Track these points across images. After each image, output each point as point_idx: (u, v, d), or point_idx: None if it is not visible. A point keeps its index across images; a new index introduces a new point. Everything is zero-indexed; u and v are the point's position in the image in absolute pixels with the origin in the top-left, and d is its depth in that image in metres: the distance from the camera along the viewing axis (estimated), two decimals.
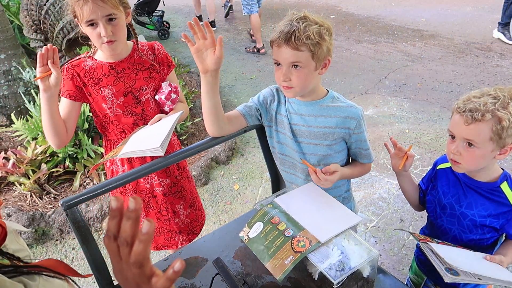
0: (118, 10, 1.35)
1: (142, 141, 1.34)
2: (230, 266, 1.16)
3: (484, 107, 1.07)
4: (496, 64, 4.66)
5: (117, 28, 1.37)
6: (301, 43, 1.15)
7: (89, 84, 1.45)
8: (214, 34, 1.14)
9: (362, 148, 1.36)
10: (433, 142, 3.27)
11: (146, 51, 1.54)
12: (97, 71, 1.46)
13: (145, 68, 1.52)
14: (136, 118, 1.53)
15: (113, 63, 1.47)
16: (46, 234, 2.43)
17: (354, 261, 0.97)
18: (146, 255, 0.52)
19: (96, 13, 1.30)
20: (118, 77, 1.47)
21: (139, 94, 1.51)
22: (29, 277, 0.55)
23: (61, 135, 1.41)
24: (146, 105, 1.54)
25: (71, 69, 1.44)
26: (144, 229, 0.51)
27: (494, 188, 1.20)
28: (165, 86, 1.56)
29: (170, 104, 1.56)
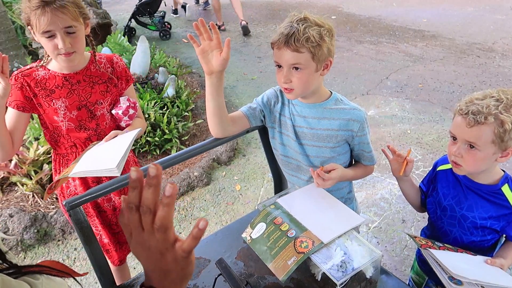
0: (78, 22, 1.29)
1: (96, 160, 1.27)
2: (233, 266, 1.16)
3: (486, 110, 1.06)
4: (498, 65, 4.65)
5: (76, 40, 1.30)
6: (301, 45, 1.14)
7: (40, 95, 1.37)
8: (220, 36, 1.13)
9: (365, 150, 1.36)
10: (434, 142, 3.27)
11: (104, 64, 1.48)
12: (50, 82, 1.38)
13: (102, 81, 1.45)
14: (90, 133, 1.46)
15: (68, 74, 1.39)
16: (48, 235, 2.43)
17: (357, 262, 0.97)
18: (170, 218, 0.53)
19: (55, 24, 1.24)
20: (72, 90, 1.40)
21: (94, 108, 1.44)
22: (32, 276, 0.56)
23: (6, 148, 1.33)
24: (101, 120, 1.47)
25: (21, 78, 1.36)
26: (167, 192, 0.51)
27: (495, 190, 1.20)
28: (123, 100, 1.49)
29: (128, 119, 1.50)
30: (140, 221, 0.54)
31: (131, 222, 0.54)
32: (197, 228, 0.53)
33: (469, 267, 1.11)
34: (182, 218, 2.62)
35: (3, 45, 3.12)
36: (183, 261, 0.57)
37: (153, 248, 0.55)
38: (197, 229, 0.54)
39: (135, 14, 5.75)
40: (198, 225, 0.53)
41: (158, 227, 0.53)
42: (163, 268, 0.57)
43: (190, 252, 0.56)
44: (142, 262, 0.59)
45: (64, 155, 1.50)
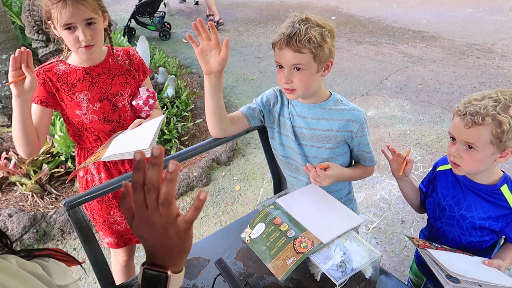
0: (98, 14, 1.32)
1: (127, 143, 1.30)
2: (232, 267, 1.16)
3: (484, 111, 1.07)
4: (497, 66, 4.66)
5: (96, 32, 1.33)
6: (303, 46, 1.14)
7: (62, 89, 1.40)
8: (219, 36, 1.13)
9: (364, 151, 1.35)
10: (434, 143, 3.27)
11: (122, 56, 1.51)
12: (71, 76, 1.40)
13: (121, 73, 1.48)
14: (114, 125, 1.49)
15: (88, 67, 1.42)
16: (47, 235, 2.43)
17: (356, 262, 0.97)
18: (173, 193, 0.57)
19: (76, 16, 1.27)
20: (93, 82, 1.43)
21: (115, 100, 1.47)
22: (42, 259, 0.60)
23: (32, 143, 1.35)
24: (123, 111, 1.50)
25: (43, 74, 1.38)
26: (171, 169, 0.56)
27: (494, 190, 1.20)
28: (143, 91, 1.52)
29: (148, 109, 1.53)
30: (144, 200, 0.57)
31: (135, 202, 0.58)
32: (198, 199, 0.58)
33: (466, 267, 1.11)
34: None
35: (3, 45, 3.12)
36: (184, 234, 0.61)
37: (157, 224, 0.59)
38: (198, 200, 0.58)
39: (134, 14, 5.75)
40: (199, 196, 0.58)
41: (162, 202, 0.57)
42: (166, 242, 0.61)
43: (192, 223, 0.61)
44: (145, 240, 0.62)
45: (89, 149, 1.52)
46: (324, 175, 1.24)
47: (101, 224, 1.63)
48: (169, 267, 0.62)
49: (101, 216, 1.60)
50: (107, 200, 1.58)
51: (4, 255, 0.54)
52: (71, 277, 0.63)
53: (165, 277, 0.61)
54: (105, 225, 1.62)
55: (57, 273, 0.60)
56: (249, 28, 6.31)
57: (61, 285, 0.60)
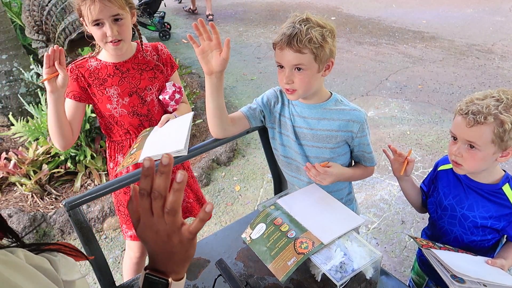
0: (125, 10, 1.36)
1: (162, 144, 1.33)
2: (233, 267, 1.16)
3: (486, 110, 1.07)
4: (497, 66, 4.66)
5: (123, 28, 1.37)
6: (304, 46, 1.14)
7: (94, 84, 1.45)
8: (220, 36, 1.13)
9: (365, 151, 1.35)
10: (434, 143, 3.27)
11: (150, 52, 1.55)
12: (102, 72, 1.45)
13: (150, 68, 1.52)
14: (142, 119, 1.53)
15: (118, 63, 1.47)
16: (47, 235, 2.42)
17: (357, 263, 0.97)
18: (180, 202, 0.58)
19: (103, 12, 1.31)
20: (123, 77, 1.47)
21: (144, 94, 1.51)
22: (50, 253, 0.60)
23: (67, 137, 1.41)
24: (151, 105, 1.54)
25: (76, 70, 1.44)
26: (178, 179, 0.56)
27: (495, 190, 1.20)
28: (169, 86, 1.55)
29: (174, 104, 1.55)
30: (150, 207, 0.58)
31: (142, 207, 0.59)
32: (204, 211, 0.58)
33: (470, 266, 1.11)
34: None
35: (3, 45, 3.12)
36: (188, 243, 0.61)
37: (161, 231, 0.59)
38: (204, 212, 0.58)
39: None
40: (205, 208, 0.58)
41: (168, 211, 0.57)
42: (169, 250, 0.61)
43: (196, 234, 0.61)
44: (149, 246, 0.63)
45: (119, 142, 1.57)
46: (324, 172, 1.24)
47: (126, 217, 1.66)
48: (170, 273, 0.63)
49: (126, 209, 1.62)
50: None
51: (13, 249, 0.55)
52: (78, 272, 0.64)
53: (166, 283, 0.62)
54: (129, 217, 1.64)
55: (65, 268, 0.61)
56: (249, 29, 6.32)
57: (68, 280, 0.61)
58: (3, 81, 3.16)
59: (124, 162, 1.40)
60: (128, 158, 1.41)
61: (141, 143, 1.41)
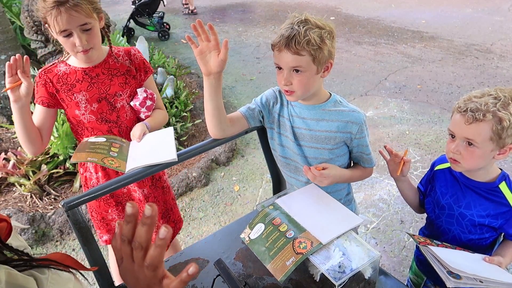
0: (92, 18, 1.32)
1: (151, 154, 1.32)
2: (232, 267, 1.16)
3: (485, 107, 1.08)
4: (496, 66, 4.67)
5: (92, 36, 1.33)
6: (302, 48, 1.13)
7: (62, 90, 1.41)
8: (218, 37, 1.13)
9: (363, 152, 1.35)
10: (433, 143, 3.27)
11: (122, 56, 1.50)
12: (71, 77, 1.42)
13: (121, 73, 1.48)
14: (111, 125, 1.49)
15: (87, 68, 1.43)
16: (46, 235, 2.42)
17: (355, 263, 0.97)
18: (161, 259, 0.54)
19: (71, 23, 1.26)
20: (92, 83, 1.43)
21: (113, 100, 1.47)
22: (39, 270, 0.57)
23: (35, 143, 1.38)
24: (121, 111, 1.49)
25: (44, 76, 1.41)
26: (161, 235, 0.52)
27: (492, 188, 1.21)
28: (140, 92, 1.51)
29: (145, 111, 1.52)
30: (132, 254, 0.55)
31: (123, 252, 0.56)
32: (187, 273, 0.54)
33: (467, 263, 1.11)
34: None
35: (2, 45, 3.12)
36: None
37: (141, 280, 0.57)
38: (186, 274, 0.54)
39: (134, 14, 5.75)
40: (188, 270, 0.54)
41: (148, 265, 0.54)
42: None
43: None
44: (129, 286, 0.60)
45: None
46: (321, 174, 1.24)
47: (99, 222, 1.64)
48: None
49: (99, 214, 1.62)
50: (104, 198, 1.58)
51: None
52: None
53: None
54: (103, 222, 1.63)
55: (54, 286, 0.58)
56: (248, 29, 6.32)
57: None
58: (2, 82, 3.16)
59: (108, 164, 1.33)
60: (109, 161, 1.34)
61: (120, 152, 1.37)
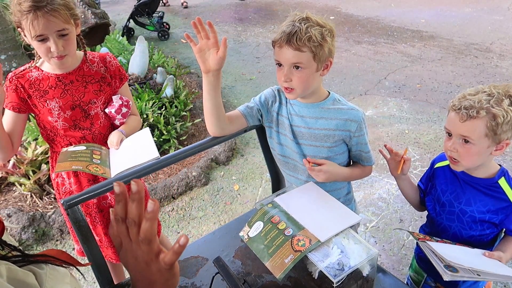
0: (70, 24, 1.29)
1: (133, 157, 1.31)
2: (231, 265, 1.17)
3: (478, 104, 1.09)
4: (495, 65, 4.67)
5: (68, 42, 1.31)
6: (303, 44, 1.14)
7: (34, 96, 1.38)
8: (217, 35, 1.14)
9: (362, 150, 1.36)
10: (432, 142, 3.28)
11: (97, 63, 1.48)
12: (43, 83, 1.39)
13: (95, 80, 1.45)
14: (85, 132, 1.47)
15: (61, 74, 1.40)
16: (46, 235, 2.43)
17: (353, 260, 0.98)
18: (153, 231, 0.57)
19: (48, 28, 1.24)
20: (66, 90, 1.40)
21: (87, 108, 1.45)
22: (37, 266, 0.58)
23: (5, 149, 1.35)
24: (95, 118, 1.47)
25: (15, 80, 1.37)
26: (149, 208, 0.55)
27: (492, 184, 1.21)
28: (116, 99, 1.50)
29: (121, 118, 1.51)
30: (128, 232, 0.58)
31: (120, 233, 0.58)
32: (178, 244, 0.56)
33: (466, 257, 1.12)
34: (181, 218, 2.62)
35: (2, 45, 3.12)
36: (167, 272, 0.60)
37: (139, 258, 0.59)
38: (178, 244, 0.56)
39: (133, 14, 5.75)
40: (179, 241, 0.56)
41: (142, 239, 0.57)
42: (149, 278, 0.60)
43: (172, 265, 0.59)
44: (130, 271, 0.62)
45: None
46: (317, 169, 1.25)
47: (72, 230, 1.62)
48: None
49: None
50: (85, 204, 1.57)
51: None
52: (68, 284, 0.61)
53: None
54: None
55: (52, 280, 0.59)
56: (248, 28, 6.32)
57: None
58: (2, 82, 3.16)
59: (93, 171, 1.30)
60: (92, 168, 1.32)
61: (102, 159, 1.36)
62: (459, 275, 1.03)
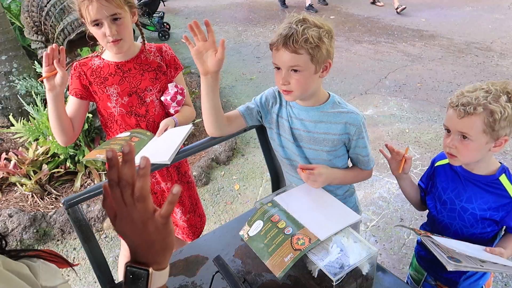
0: (123, 9, 1.36)
1: (151, 154, 1.32)
2: (231, 264, 1.17)
3: (476, 101, 1.10)
4: (496, 64, 4.67)
5: (122, 27, 1.37)
6: (300, 46, 1.12)
7: (95, 82, 1.46)
8: (215, 36, 1.14)
9: (360, 154, 1.34)
10: (433, 141, 3.28)
11: (154, 53, 1.55)
12: (104, 70, 1.46)
13: (152, 69, 1.52)
14: (139, 119, 1.53)
15: (120, 62, 1.47)
16: (47, 235, 2.44)
17: (353, 259, 0.98)
18: (147, 188, 0.59)
19: (101, 12, 1.31)
20: (124, 77, 1.48)
21: (144, 95, 1.51)
22: (30, 259, 0.60)
23: (67, 133, 1.43)
24: (151, 106, 1.53)
25: (79, 68, 1.46)
26: (142, 164, 0.58)
27: (493, 180, 1.22)
28: (171, 87, 1.54)
29: (176, 105, 1.55)
30: (122, 197, 0.59)
31: (114, 199, 0.59)
32: (172, 193, 0.59)
33: (468, 250, 1.12)
34: None
35: (2, 46, 3.13)
36: (163, 229, 0.62)
37: (136, 220, 0.60)
38: (171, 194, 0.59)
39: None
40: (173, 190, 0.59)
41: (137, 197, 0.58)
42: (147, 239, 0.62)
43: (168, 217, 0.62)
44: (127, 238, 0.63)
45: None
46: (311, 178, 1.24)
47: None
48: (151, 264, 0.63)
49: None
50: None
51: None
52: (60, 278, 0.63)
53: (146, 273, 0.62)
54: None
55: (45, 274, 0.60)
56: (248, 28, 6.32)
57: (48, 286, 0.60)
58: (3, 82, 3.17)
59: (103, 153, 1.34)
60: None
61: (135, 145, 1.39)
62: (462, 265, 1.03)
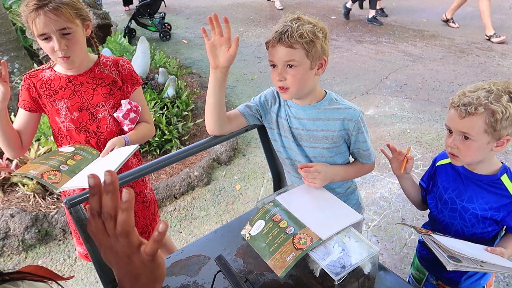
0: (74, 23, 1.29)
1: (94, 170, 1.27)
2: (232, 263, 1.17)
3: (477, 101, 1.10)
4: (497, 64, 4.66)
5: (72, 42, 1.30)
6: (294, 41, 1.15)
7: (44, 95, 1.40)
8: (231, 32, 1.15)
9: (361, 148, 1.35)
10: (434, 141, 3.27)
11: (110, 66, 1.47)
12: (54, 83, 1.40)
13: (106, 83, 1.45)
14: (89, 136, 1.46)
15: (72, 75, 1.41)
16: (49, 235, 2.44)
17: (355, 258, 0.98)
18: (130, 222, 0.54)
19: (49, 26, 1.24)
20: (75, 91, 1.41)
21: (95, 111, 1.44)
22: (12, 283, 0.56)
23: (14, 147, 1.38)
24: (102, 122, 1.46)
25: (28, 79, 1.40)
26: (124, 198, 0.53)
27: (494, 180, 1.22)
28: (125, 104, 1.47)
29: (129, 123, 1.48)
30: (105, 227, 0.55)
31: (97, 229, 0.56)
32: (157, 231, 0.54)
33: (469, 250, 1.12)
34: (183, 217, 2.63)
35: (4, 46, 3.14)
36: (151, 264, 0.58)
37: (120, 253, 0.57)
38: (157, 232, 0.54)
39: (135, 15, 5.77)
40: (158, 228, 0.54)
41: (119, 232, 0.54)
42: (133, 271, 0.58)
43: (154, 255, 0.57)
44: (114, 268, 0.60)
45: None
46: (310, 176, 1.24)
47: (74, 231, 1.61)
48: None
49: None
50: None
51: None
52: None
53: None
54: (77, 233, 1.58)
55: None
56: (249, 28, 6.32)
57: None
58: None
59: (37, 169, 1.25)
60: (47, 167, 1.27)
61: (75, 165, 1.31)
62: (462, 265, 1.03)
